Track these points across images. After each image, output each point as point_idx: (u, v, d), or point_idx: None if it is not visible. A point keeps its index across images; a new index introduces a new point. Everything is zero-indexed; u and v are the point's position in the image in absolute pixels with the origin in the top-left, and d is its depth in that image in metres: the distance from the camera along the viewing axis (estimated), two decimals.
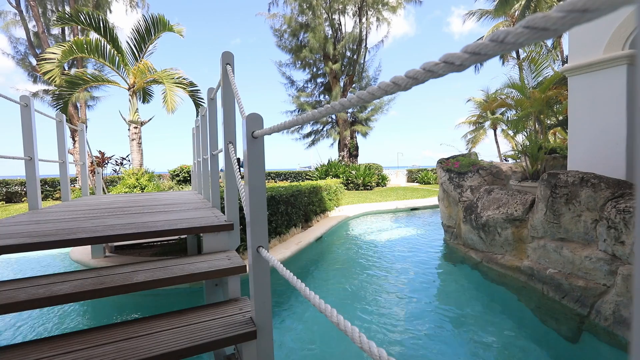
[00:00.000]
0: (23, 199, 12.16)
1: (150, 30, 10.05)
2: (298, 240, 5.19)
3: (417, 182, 20.34)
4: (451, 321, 2.88)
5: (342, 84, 19.92)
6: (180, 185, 10.40)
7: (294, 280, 1.02)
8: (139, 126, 10.62)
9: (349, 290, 3.69)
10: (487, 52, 0.37)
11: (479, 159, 5.92)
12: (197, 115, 10.20)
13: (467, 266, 4.31)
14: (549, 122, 5.21)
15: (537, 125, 4.90)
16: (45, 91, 16.34)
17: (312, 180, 13.80)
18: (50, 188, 12.33)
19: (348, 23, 25.71)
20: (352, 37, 18.88)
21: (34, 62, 15.67)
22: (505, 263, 3.82)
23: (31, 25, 15.49)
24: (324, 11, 18.54)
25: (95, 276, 1.62)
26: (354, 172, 15.13)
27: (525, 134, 4.86)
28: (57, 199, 11.87)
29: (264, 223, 1.33)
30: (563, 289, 3.01)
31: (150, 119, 11.18)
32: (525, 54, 6.92)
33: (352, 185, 14.77)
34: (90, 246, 4.17)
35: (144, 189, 7.90)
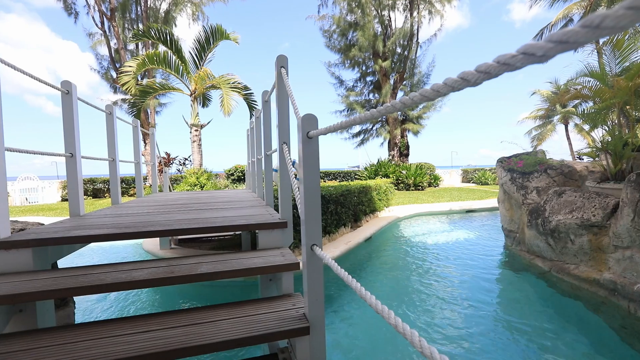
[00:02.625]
0: (105, 195, 13.93)
1: (210, 39, 10.84)
2: (347, 240, 5.19)
3: (473, 182, 19.05)
4: (515, 335, 2.65)
5: (392, 81, 19.41)
6: (235, 184, 11.05)
7: (348, 280, 1.02)
8: (199, 129, 11.51)
9: (399, 293, 3.59)
10: (578, 40, 0.33)
11: (547, 158, 5.35)
12: (250, 117, 10.75)
13: (532, 275, 3.93)
14: (637, 114, 4.49)
15: (621, 119, 4.28)
16: (123, 100, 18.49)
17: (361, 180, 13.69)
18: (126, 186, 13.94)
19: (398, 18, 25.06)
20: (402, 33, 18.29)
21: (114, 75, 17.83)
22: (579, 274, 3.41)
23: (112, 43, 17.67)
24: (373, 8, 18.25)
25: (166, 265, 1.79)
26: (404, 171, 14.67)
27: (607, 128, 4.27)
28: (131, 195, 13.38)
29: (318, 222, 1.35)
30: None
31: (209, 122, 12.05)
32: (606, 37, 6.10)
33: (402, 185, 14.34)
34: (159, 238, 4.63)
35: (203, 187, 8.55)
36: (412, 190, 14.18)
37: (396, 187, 13.90)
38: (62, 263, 2.12)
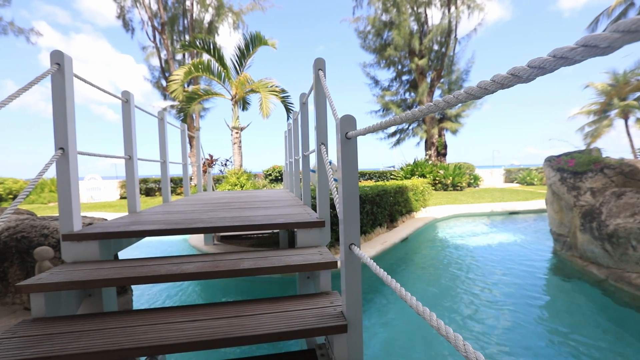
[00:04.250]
0: (156, 194, 15.03)
1: (249, 46, 11.29)
2: (383, 240, 5.12)
3: (516, 182, 17.85)
4: (567, 348, 2.46)
5: (429, 79, 18.82)
6: (273, 184, 11.36)
7: (388, 280, 1.02)
8: (239, 131, 12.01)
9: (437, 297, 3.47)
10: None
11: (603, 156, 4.88)
12: (287, 119, 10.99)
13: (585, 283, 3.61)
14: None
15: None
16: (172, 106, 19.84)
17: (397, 180, 13.42)
18: (174, 185, 14.91)
19: (435, 15, 24.19)
20: (439, 29, 17.66)
21: (164, 83, 19.20)
22: None
23: (163, 54, 19.10)
24: (408, 6, 17.82)
25: (211, 260, 1.90)
26: (442, 171, 14.14)
27: None
28: (179, 194, 14.27)
29: (357, 222, 1.36)
30: None
31: (249, 125, 12.51)
32: None
33: (440, 185, 13.84)
34: (203, 234, 4.90)
35: (243, 186, 8.89)
36: (450, 190, 13.63)
37: (433, 188, 13.43)
38: (121, 255, 2.34)
